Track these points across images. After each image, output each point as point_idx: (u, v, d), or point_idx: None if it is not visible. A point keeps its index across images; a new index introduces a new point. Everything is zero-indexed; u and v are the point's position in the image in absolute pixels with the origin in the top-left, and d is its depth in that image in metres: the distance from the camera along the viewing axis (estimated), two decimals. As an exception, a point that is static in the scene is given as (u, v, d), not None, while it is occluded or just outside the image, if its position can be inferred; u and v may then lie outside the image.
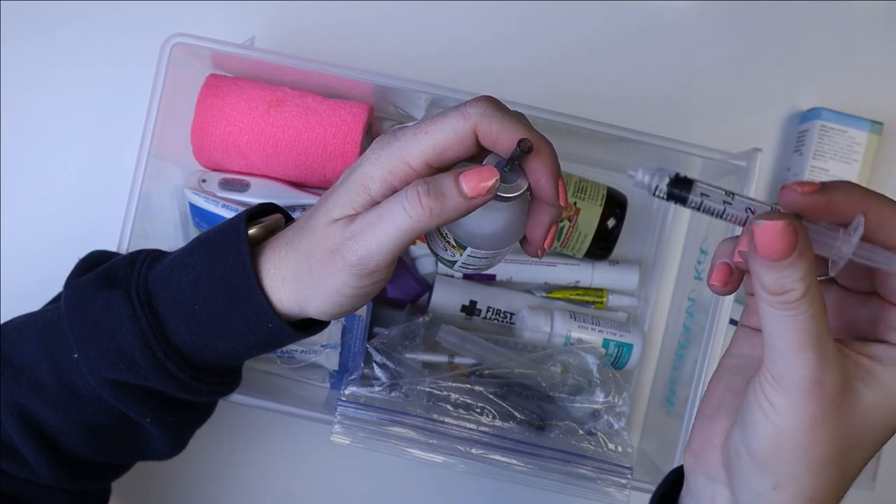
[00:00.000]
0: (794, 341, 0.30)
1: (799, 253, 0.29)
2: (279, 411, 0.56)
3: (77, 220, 0.66)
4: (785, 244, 0.28)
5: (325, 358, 0.61)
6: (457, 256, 0.41)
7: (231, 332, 0.40)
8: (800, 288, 0.29)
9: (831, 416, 0.30)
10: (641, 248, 0.68)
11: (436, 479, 0.68)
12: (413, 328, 0.60)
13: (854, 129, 0.64)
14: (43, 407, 0.42)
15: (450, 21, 0.67)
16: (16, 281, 0.66)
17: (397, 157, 0.36)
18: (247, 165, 0.59)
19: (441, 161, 0.36)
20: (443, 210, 0.35)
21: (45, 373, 0.42)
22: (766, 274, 0.29)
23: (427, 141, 0.36)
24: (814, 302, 0.29)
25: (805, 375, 0.30)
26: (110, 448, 0.44)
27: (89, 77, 0.67)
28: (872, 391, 0.31)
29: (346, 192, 0.37)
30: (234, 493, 0.68)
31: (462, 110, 0.36)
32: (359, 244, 0.36)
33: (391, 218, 0.35)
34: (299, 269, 0.38)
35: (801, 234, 0.29)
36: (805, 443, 0.30)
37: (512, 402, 0.57)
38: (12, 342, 0.43)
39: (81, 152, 0.67)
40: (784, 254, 0.28)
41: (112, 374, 0.40)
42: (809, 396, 0.30)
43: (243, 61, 0.56)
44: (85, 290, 0.41)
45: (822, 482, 0.31)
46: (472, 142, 0.36)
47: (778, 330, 0.30)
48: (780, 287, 0.29)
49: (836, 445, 0.30)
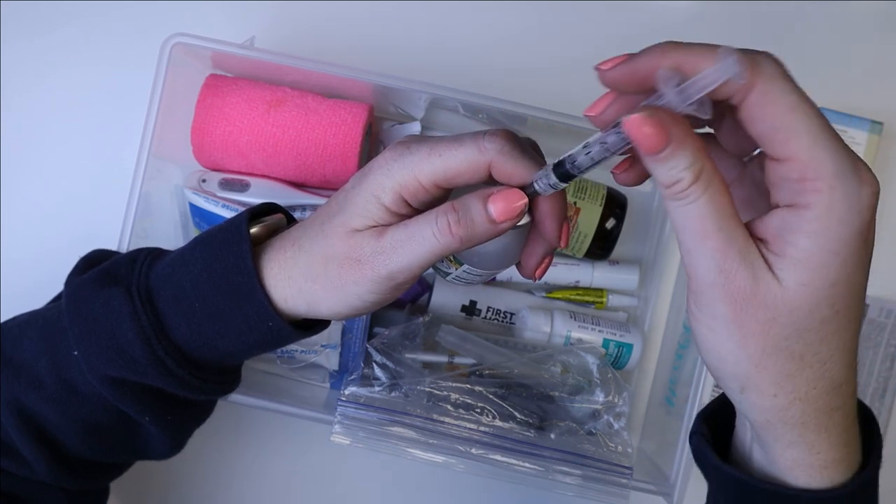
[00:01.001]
0: (695, 231, 0.29)
1: (676, 142, 0.28)
2: (279, 411, 0.56)
3: (77, 220, 0.66)
4: (653, 136, 0.27)
5: (325, 358, 0.61)
6: (451, 269, 0.42)
7: (231, 331, 0.40)
8: (687, 176, 0.28)
9: (751, 306, 0.29)
10: (641, 248, 0.68)
11: (436, 479, 0.68)
12: (413, 328, 0.60)
13: (854, 129, 0.64)
14: (42, 404, 0.42)
15: (450, 21, 0.67)
16: (16, 281, 0.66)
17: (408, 173, 0.36)
18: (247, 165, 0.59)
19: (450, 184, 0.37)
20: (472, 236, 0.36)
21: (44, 370, 0.42)
22: (655, 169, 0.29)
23: (439, 164, 0.36)
24: (709, 187, 0.28)
25: (713, 266, 0.29)
26: (109, 447, 0.44)
27: (89, 77, 0.67)
28: (788, 272, 0.29)
29: (361, 201, 0.37)
30: (234, 493, 0.68)
31: (479, 143, 0.35)
32: (390, 260, 0.37)
33: (420, 240, 0.36)
34: (311, 271, 0.39)
35: (674, 123, 0.28)
36: (736, 340, 0.30)
37: (512, 402, 0.57)
38: (12, 340, 0.43)
39: (81, 152, 0.67)
40: (658, 145, 0.28)
41: (112, 372, 0.40)
42: (723, 290, 0.29)
43: (243, 61, 0.56)
44: (85, 287, 0.41)
45: (778, 374, 0.30)
46: (485, 174, 0.36)
47: (679, 224, 0.29)
48: (670, 178, 0.28)
49: (772, 334, 0.29)
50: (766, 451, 0.33)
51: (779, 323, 0.29)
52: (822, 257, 0.28)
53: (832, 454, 0.32)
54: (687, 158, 0.28)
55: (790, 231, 0.29)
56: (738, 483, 0.34)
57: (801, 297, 0.29)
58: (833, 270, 0.28)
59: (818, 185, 0.28)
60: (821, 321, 0.29)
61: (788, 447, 0.32)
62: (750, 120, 0.29)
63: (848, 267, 0.29)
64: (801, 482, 0.32)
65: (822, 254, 0.28)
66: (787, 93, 0.28)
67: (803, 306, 0.29)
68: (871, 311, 0.66)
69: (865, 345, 0.67)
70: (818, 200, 0.28)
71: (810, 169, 0.28)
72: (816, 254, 0.28)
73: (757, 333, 0.29)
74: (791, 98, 0.28)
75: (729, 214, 0.29)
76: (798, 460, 0.32)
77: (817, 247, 0.28)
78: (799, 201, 0.28)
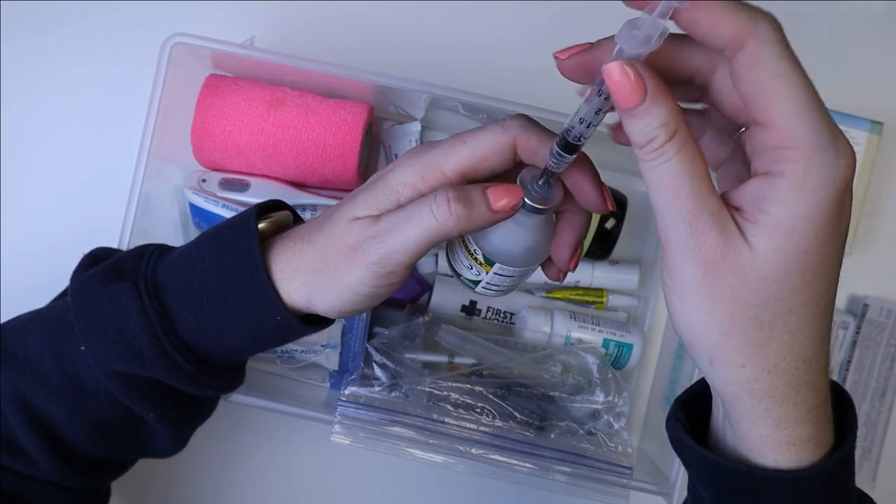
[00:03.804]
0: (668, 191, 0.29)
1: (651, 97, 0.28)
2: (279, 411, 0.56)
3: (77, 220, 0.66)
4: (630, 87, 0.28)
5: (325, 358, 0.61)
6: (482, 275, 0.41)
7: (239, 325, 0.40)
8: (662, 134, 0.28)
9: (721, 271, 0.29)
10: (641, 248, 0.68)
11: (436, 479, 0.68)
12: (413, 328, 0.60)
13: (854, 129, 0.64)
14: (47, 401, 0.42)
15: (450, 21, 0.67)
16: (16, 281, 0.66)
17: (433, 164, 0.36)
18: (247, 165, 0.59)
19: (476, 173, 0.37)
20: (469, 218, 0.35)
21: (49, 366, 0.42)
22: (629, 125, 0.29)
23: (465, 150, 0.36)
24: (683, 147, 0.28)
25: (684, 228, 0.29)
26: (113, 444, 0.44)
27: (89, 77, 0.67)
28: (760, 238, 0.29)
29: (374, 193, 0.37)
30: (234, 493, 0.68)
31: (502, 123, 0.36)
32: (382, 242, 0.36)
33: (418, 219, 0.36)
34: (314, 264, 0.39)
35: (650, 78, 0.28)
36: (705, 306, 0.29)
37: (512, 402, 0.57)
38: (16, 337, 0.43)
39: (81, 152, 0.67)
40: (634, 99, 0.28)
41: (119, 366, 0.40)
42: (693, 253, 0.29)
43: (243, 61, 0.56)
44: (92, 282, 0.41)
45: (746, 343, 0.30)
46: (511, 154, 0.36)
47: (652, 184, 0.29)
48: (644, 137, 0.29)
49: (740, 300, 0.29)
50: (734, 428, 0.32)
51: (748, 289, 0.29)
52: (794, 223, 0.28)
53: (800, 430, 0.31)
54: (662, 115, 0.28)
55: (764, 199, 0.29)
56: (713, 465, 0.33)
57: (772, 263, 0.28)
58: (805, 238, 0.28)
59: (794, 153, 0.28)
60: (791, 290, 0.29)
61: (755, 422, 0.31)
62: (737, 79, 0.29)
63: (820, 236, 0.28)
64: (769, 461, 0.32)
65: (793, 220, 0.28)
66: (776, 58, 0.28)
67: (773, 273, 0.29)
68: (872, 311, 0.66)
69: (865, 345, 0.67)
70: (793, 169, 0.28)
71: (788, 137, 0.28)
72: (788, 220, 0.28)
73: (726, 299, 0.29)
74: (779, 64, 0.28)
75: (702, 178, 0.29)
76: (765, 436, 0.31)
77: (790, 213, 0.28)
78: (774, 169, 0.28)
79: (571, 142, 0.33)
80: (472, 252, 0.40)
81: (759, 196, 0.29)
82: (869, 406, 0.67)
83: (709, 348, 0.30)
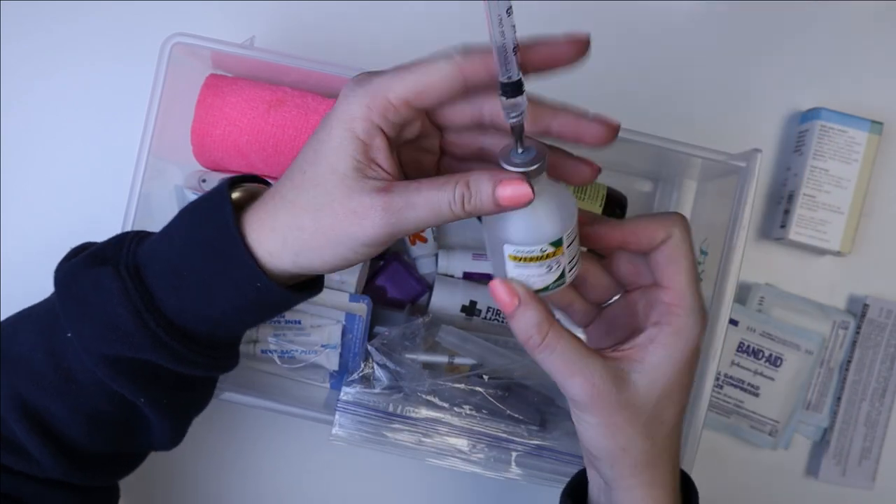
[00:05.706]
0: (562, 373, 0.38)
1: (522, 305, 0.38)
2: (279, 411, 0.56)
3: (77, 220, 0.66)
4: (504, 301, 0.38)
5: (325, 358, 0.61)
6: (561, 260, 0.39)
7: (219, 296, 0.40)
8: (536, 335, 0.38)
9: (616, 412, 0.39)
10: (641, 249, 0.68)
11: (435, 479, 0.68)
12: (413, 328, 0.60)
13: (854, 129, 0.64)
14: (43, 397, 0.42)
15: (450, 21, 0.67)
16: (16, 281, 0.66)
17: (377, 94, 0.36)
18: (247, 165, 0.59)
19: (422, 100, 0.37)
20: (476, 212, 0.37)
21: (42, 361, 0.42)
22: (512, 325, 0.39)
23: (411, 78, 0.36)
24: (559, 340, 0.38)
25: (584, 392, 0.38)
26: (110, 436, 0.44)
27: (89, 77, 0.67)
28: (642, 375, 0.39)
29: (336, 140, 0.37)
30: (235, 493, 0.68)
31: (447, 53, 0.37)
32: (398, 219, 0.36)
33: (433, 207, 0.36)
34: (297, 221, 0.38)
35: (520, 290, 0.38)
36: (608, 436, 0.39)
37: (512, 402, 0.58)
38: (10, 335, 0.44)
39: (81, 152, 0.67)
40: (507, 308, 0.38)
41: (105, 349, 0.40)
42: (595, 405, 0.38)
43: (243, 61, 0.56)
44: (74, 270, 0.42)
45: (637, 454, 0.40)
46: (458, 83, 0.36)
47: (548, 369, 0.39)
48: (524, 335, 0.38)
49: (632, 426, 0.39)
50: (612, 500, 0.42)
51: (637, 419, 0.39)
52: (668, 364, 0.39)
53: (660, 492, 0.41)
54: (534, 318, 0.38)
55: (652, 341, 0.39)
56: None
57: (651, 394, 0.39)
58: (674, 372, 0.39)
59: (678, 310, 0.39)
60: (662, 409, 0.40)
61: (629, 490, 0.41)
62: (661, 255, 0.40)
63: (683, 371, 0.40)
64: None
65: (668, 361, 0.39)
66: (685, 247, 0.40)
67: (651, 401, 0.39)
68: (872, 311, 0.66)
69: (865, 345, 0.67)
70: (676, 321, 0.39)
71: (679, 298, 0.40)
72: (666, 360, 0.39)
73: (622, 427, 0.39)
74: (685, 249, 0.40)
75: (584, 352, 0.39)
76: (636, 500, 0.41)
77: (667, 353, 0.39)
78: (663, 320, 0.40)
79: (506, 81, 0.33)
80: (542, 254, 0.38)
81: (649, 339, 0.40)
82: (869, 406, 0.67)
83: (611, 459, 0.40)
